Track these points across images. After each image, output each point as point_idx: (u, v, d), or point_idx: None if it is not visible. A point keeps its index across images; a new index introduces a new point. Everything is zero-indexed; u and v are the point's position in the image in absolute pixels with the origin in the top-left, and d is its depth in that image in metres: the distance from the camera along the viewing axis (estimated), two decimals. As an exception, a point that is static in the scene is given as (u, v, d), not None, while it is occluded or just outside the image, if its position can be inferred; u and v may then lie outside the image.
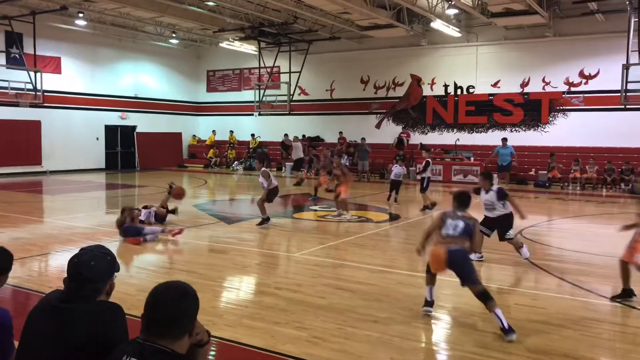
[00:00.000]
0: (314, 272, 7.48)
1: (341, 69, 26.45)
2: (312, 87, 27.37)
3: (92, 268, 2.36)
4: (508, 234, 7.87)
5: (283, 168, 25.87)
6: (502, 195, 7.74)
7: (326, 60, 26.55)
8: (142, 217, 10.49)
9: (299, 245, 9.49)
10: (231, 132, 29.33)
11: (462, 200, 5.58)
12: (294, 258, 8.47)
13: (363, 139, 23.58)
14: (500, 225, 7.85)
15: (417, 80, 24.77)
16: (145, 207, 11.09)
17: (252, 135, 28.32)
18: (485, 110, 23.26)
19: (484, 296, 5.05)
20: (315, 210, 13.61)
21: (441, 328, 5.48)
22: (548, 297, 6.40)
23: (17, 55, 22.34)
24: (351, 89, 26.31)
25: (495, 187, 7.91)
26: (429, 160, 14.06)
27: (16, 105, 21.64)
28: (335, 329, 5.17)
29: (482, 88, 23.35)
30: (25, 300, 6.14)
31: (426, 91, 24.63)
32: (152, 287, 2.17)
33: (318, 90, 27.29)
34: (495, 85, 23.08)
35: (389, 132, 25.37)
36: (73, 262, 2.40)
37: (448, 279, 7.24)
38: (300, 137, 27.09)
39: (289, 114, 25.86)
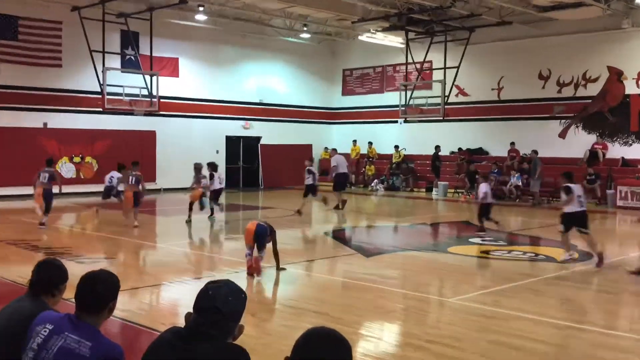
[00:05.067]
0: (476, 323, 7.32)
1: (512, 62, 25.77)
2: (473, 87, 26.96)
3: (230, 304, 2.49)
4: None
5: (434, 189, 25.60)
6: None
7: (492, 52, 26.04)
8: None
9: (455, 288, 9.33)
10: (370, 143, 29.69)
11: None
12: (449, 304, 8.34)
13: (534, 151, 22.77)
14: None
15: (616, 74, 23.42)
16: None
17: (396, 147, 28.43)
18: None
19: None
20: (479, 244, 13.27)
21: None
22: None
23: (132, 57, 24.60)
24: (526, 87, 25.51)
25: None
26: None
27: (130, 113, 23.60)
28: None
29: None
30: (135, 336, 6.68)
31: (630, 88, 23.15)
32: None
33: (481, 90, 26.81)
34: None
35: (578, 143, 24.13)
36: (207, 295, 2.52)
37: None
38: (457, 150, 26.73)
39: (443, 120, 25.62)
